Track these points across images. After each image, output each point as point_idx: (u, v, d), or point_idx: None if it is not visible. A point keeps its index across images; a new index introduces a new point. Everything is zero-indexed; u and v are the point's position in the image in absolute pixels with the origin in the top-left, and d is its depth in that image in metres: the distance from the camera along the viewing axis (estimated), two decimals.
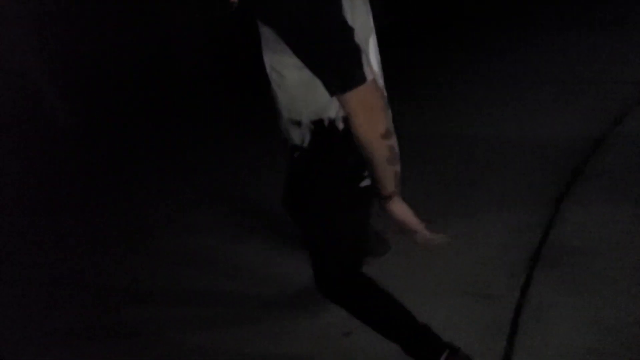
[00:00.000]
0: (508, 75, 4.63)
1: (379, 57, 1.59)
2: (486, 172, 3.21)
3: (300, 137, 1.57)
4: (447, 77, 4.97)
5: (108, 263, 3.15)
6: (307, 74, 1.40)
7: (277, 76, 1.48)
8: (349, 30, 1.34)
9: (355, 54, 1.34)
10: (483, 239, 2.64)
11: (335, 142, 1.54)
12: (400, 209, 1.53)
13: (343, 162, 1.57)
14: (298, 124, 1.54)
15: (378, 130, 1.40)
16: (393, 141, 1.44)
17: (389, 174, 1.47)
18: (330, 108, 1.49)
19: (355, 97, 1.35)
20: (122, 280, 2.96)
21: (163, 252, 3.13)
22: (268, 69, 1.50)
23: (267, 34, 1.40)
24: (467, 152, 3.50)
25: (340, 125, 1.51)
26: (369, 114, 1.38)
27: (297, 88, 1.46)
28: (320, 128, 1.52)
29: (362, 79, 1.34)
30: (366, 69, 1.35)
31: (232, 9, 1.57)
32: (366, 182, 1.61)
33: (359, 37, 1.37)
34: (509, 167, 3.22)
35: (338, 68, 1.34)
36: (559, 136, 3.47)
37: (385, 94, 1.52)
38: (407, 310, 1.83)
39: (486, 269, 2.44)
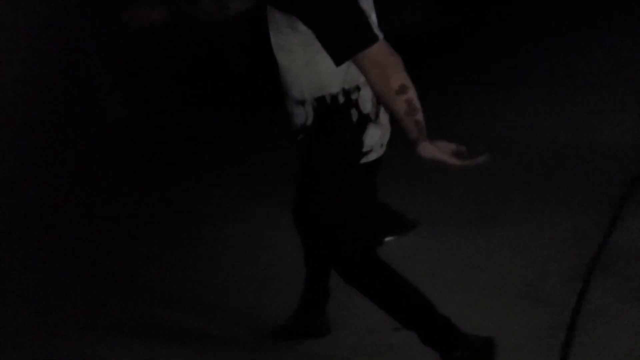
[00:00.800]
0: (567, 78, 4.54)
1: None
2: (545, 176, 3.17)
3: (304, 116, 1.66)
4: (502, 78, 4.90)
5: (165, 254, 3.25)
6: (311, 51, 1.54)
7: (284, 57, 1.60)
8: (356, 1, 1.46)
9: (363, 16, 1.45)
10: (540, 242, 2.60)
11: (336, 119, 1.64)
12: (427, 152, 1.55)
13: (343, 139, 1.66)
14: (302, 103, 1.64)
15: (392, 87, 1.49)
16: (410, 94, 1.52)
17: (409, 124, 1.53)
18: (332, 84, 1.59)
19: (368, 56, 1.46)
20: (183, 265, 3.04)
21: (220, 241, 3.20)
22: (275, 51, 1.61)
23: (276, 17, 1.54)
24: (526, 155, 3.44)
25: (341, 99, 1.60)
26: (382, 71, 1.47)
27: (302, 67, 1.58)
28: (323, 105, 1.62)
29: (374, 38, 1.46)
30: (376, 30, 1.47)
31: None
32: (366, 159, 1.69)
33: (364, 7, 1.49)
34: (568, 171, 3.16)
35: (349, 31, 1.45)
36: (619, 141, 3.38)
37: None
38: (426, 298, 1.83)
39: (543, 273, 2.40)
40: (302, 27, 1.50)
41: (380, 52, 1.46)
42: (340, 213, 1.73)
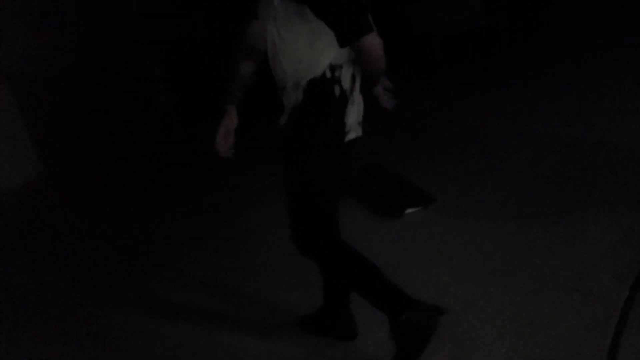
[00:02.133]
0: (621, 81, 4.44)
1: None
2: (597, 176, 3.12)
3: (294, 99, 1.92)
4: (553, 79, 4.83)
5: (197, 237, 3.34)
6: (309, 38, 1.82)
7: (286, 45, 1.86)
8: None
9: (365, 10, 1.81)
10: (591, 240, 2.57)
11: (322, 93, 1.89)
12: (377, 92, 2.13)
13: (327, 120, 1.91)
14: (297, 85, 1.90)
15: (381, 63, 1.88)
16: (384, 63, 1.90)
17: (380, 78, 2.02)
18: (324, 65, 1.87)
19: (369, 40, 1.81)
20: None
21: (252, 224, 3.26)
22: (276, 41, 1.87)
23: (280, 9, 1.82)
24: (577, 156, 3.41)
25: (328, 74, 1.88)
26: (378, 51, 1.85)
27: (303, 53, 1.85)
28: (312, 85, 1.89)
29: (372, 28, 1.81)
30: (371, 21, 1.81)
31: None
32: (348, 138, 1.95)
33: None
34: (621, 171, 3.11)
35: (355, 21, 1.80)
36: None
37: None
38: (375, 266, 2.03)
39: (593, 268, 2.37)
40: (312, 17, 1.78)
41: (375, 38, 1.83)
42: (321, 187, 1.96)
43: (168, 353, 2.41)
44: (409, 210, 3.13)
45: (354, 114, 1.96)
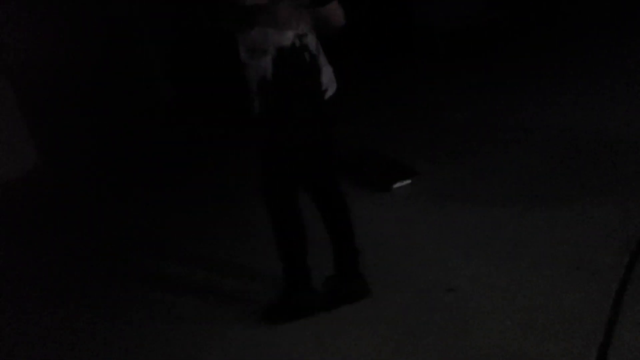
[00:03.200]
0: (619, 75, 4.55)
1: None
2: (596, 163, 3.25)
3: (262, 69, 2.11)
4: (554, 72, 4.95)
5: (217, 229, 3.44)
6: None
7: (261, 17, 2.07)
8: None
9: None
10: (590, 221, 2.69)
11: (294, 62, 2.09)
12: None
13: (305, 82, 2.13)
14: (265, 52, 2.09)
15: (342, 21, 2.18)
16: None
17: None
18: (291, 35, 2.08)
19: (334, 4, 2.13)
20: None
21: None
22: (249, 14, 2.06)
23: None
24: (578, 144, 3.53)
25: (297, 43, 2.09)
26: (340, 13, 2.15)
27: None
28: (282, 54, 2.08)
29: None
30: None
31: None
32: (327, 96, 2.18)
33: None
34: (619, 159, 3.23)
35: None
36: None
37: None
38: (302, 247, 2.34)
39: (594, 247, 2.50)
40: None
41: (337, 8, 2.13)
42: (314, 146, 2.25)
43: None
44: (397, 185, 3.41)
45: (327, 72, 2.20)
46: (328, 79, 2.20)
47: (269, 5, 2.06)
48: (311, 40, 2.14)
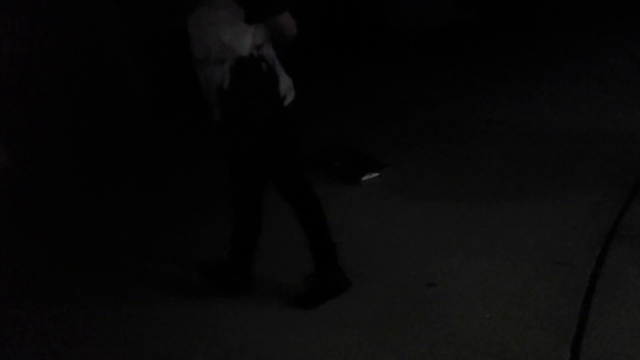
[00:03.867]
0: (586, 74, 4.72)
1: None
2: (566, 159, 3.38)
3: (220, 77, 2.17)
4: (524, 71, 5.09)
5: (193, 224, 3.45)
6: (229, 21, 2.11)
7: (214, 29, 2.13)
8: None
9: None
10: (562, 215, 2.81)
11: (251, 72, 2.17)
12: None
13: (262, 92, 2.21)
14: (222, 62, 2.16)
15: (294, 32, 2.23)
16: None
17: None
18: (248, 46, 2.15)
19: (282, 19, 2.17)
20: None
21: None
22: (202, 25, 2.14)
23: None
24: (548, 141, 3.65)
25: (255, 54, 2.17)
26: (291, 30, 2.21)
27: (230, 33, 2.12)
28: (240, 64, 2.16)
29: (284, 8, 2.17)
30: (284, 3, 2.16)
31: None
32: (285, 103, 2.26)
33: None
34: (588, 155, 3.37)
35: (269, 2, 2.15)
36: (635, 130, 3.58)
37: None
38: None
39: (566, 240, 2.61)
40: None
41: (288, 19, 2.19)
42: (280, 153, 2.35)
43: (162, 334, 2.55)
44: (365, 177, 3.56)
45: (284, 81, 2.28)
46: (286, 87, 2.29)
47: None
48: (268, 51, 2.22)
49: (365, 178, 3.55)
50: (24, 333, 2.67)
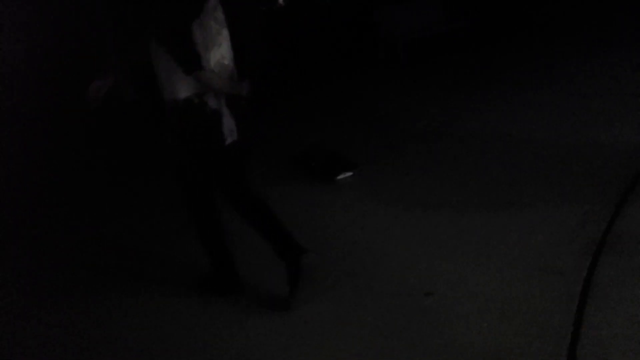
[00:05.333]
0: (573, 85, 4.84)
1: (231, 52, 2.56)
2: (556, 170, 3.46)
3: (171, 114, 2.47)
4: (513, 82, 5.19)
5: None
6: (166, 68, 2.42)
7: (158, 69, 2.45)
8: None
9: (193, 52, 2.39)
10: (553, 225, 2.88)
11: (193, 115, 2.45)
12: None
13: (202, 132, 2.48)
14: (168, 102, 2.47)
15: (226, 87, 2.50)
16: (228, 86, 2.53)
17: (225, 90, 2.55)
18: (185, 91, 2.43)
19: (202, 76, 2.42)
20: None
21: None
22: (156, 59, 2.43)
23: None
24: (539, 152, 3.74)
25: (196, 100, 2.44)
26: (215, 83, 2.46)
27: (165, 79, 2.45)
28: (184, 107, 2.45)
29: (198, 67, 2.40)
30: (204, 63, 2.41)
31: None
32: (228, 141, 2.50)
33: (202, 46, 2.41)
34: (578, 166, 3.46)
35: (186, 60, 2.40)
36: (624, 141, 3.68)
37: (231, 70, 2.53)
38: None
39: (557, 250, 2.68)
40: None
41: (205, 74, 2.42)
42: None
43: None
44: (340, 176, 3.82)
45: (227, 123, 2.51)
46: (228, 130, 2.53)
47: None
48: (211, 97, 2.46)
49: (340, 177, 3.79)
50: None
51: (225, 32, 2.50)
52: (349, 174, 3.82)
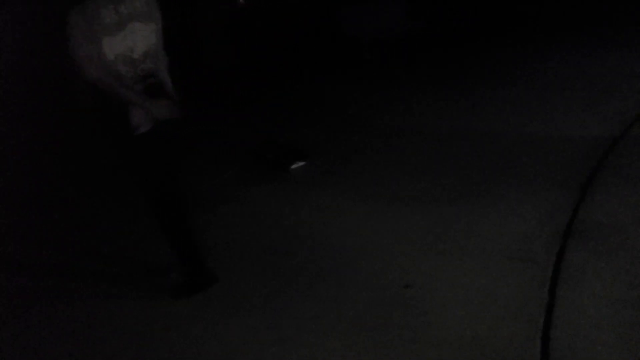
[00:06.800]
0: (534, 82, 4.99)
1: (166, 60, 2.67)
2: (521, 163, 3.58)
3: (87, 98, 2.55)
4: (475, 78, 5.33)
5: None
6: None
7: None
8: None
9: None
10: (521, 215, 2.99)
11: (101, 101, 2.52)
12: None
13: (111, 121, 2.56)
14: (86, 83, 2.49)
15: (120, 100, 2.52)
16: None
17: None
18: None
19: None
20: None
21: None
22: None
23: None
24: (504, 147, 3.85)
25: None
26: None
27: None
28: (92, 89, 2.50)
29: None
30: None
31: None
32: (139, 132, 2.51)
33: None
34: (543, 158, 3.59)
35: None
36: (585, 134, 3.84)
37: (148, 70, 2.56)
38: (187, 231, 2.74)
39: (526, 238, 2.79)
40: None
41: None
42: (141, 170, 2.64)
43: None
44: (293, 166, 4.03)
45: (141, 115, 2.51)
46: (139, 119, 2.53)
47: None
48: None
49: (293, 167, 4.01)
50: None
51: (136, 26, 2.46)
52: (302, 163, 4.03)
